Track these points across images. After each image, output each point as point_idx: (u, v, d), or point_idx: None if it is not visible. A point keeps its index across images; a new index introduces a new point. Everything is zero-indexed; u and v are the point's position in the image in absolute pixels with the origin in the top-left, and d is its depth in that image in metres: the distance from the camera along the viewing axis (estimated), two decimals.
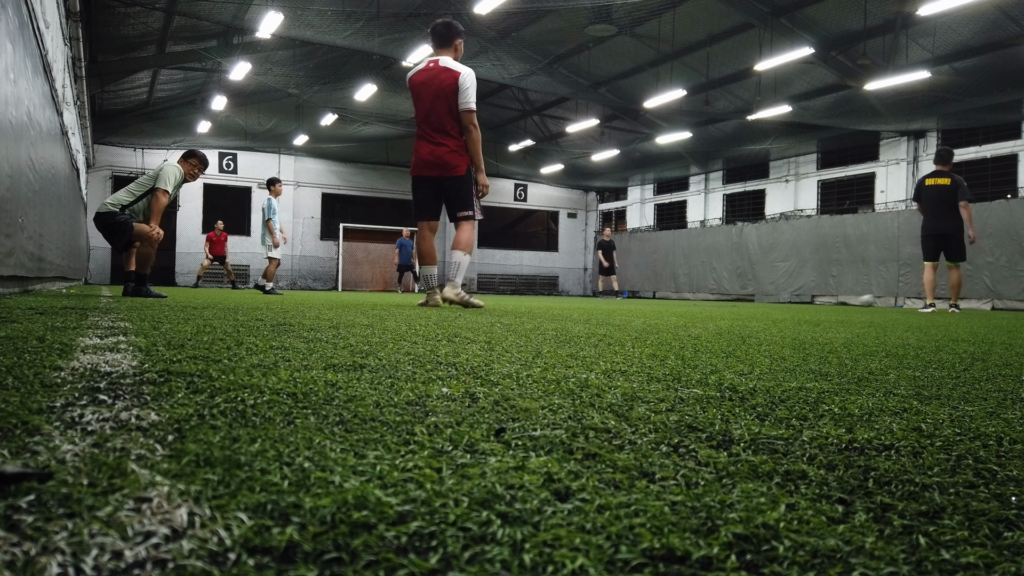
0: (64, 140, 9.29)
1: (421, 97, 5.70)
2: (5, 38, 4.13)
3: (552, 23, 15.62)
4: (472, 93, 5.63)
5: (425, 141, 5.72)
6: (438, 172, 5.69)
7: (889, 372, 1.84)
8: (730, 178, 24.46)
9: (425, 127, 5.72)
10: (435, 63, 5.75)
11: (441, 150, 5.64)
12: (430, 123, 5.68)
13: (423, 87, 5.70)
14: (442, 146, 5.64)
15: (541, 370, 1.63)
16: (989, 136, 17.36)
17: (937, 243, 9.21)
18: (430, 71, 5.72)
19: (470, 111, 5.62)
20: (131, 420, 0.92)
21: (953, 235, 9.06)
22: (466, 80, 5.61)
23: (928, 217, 9.21)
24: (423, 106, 5.70)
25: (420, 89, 5.71)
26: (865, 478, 0.78)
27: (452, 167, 5.65)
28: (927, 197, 9.16)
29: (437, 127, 5.65)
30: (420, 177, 5.80)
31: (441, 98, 5.60)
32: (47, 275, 7.88)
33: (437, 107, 5.62)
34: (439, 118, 5.62)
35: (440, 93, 5.60)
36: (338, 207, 26.21)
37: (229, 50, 16.42)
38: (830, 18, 14.33)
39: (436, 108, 5.62)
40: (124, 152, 23.02)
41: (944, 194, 9.03)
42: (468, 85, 5.60)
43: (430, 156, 5.69)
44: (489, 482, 0.69)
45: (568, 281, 29.23)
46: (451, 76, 5.61)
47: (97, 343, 1.92)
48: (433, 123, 5.66)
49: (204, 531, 0.53)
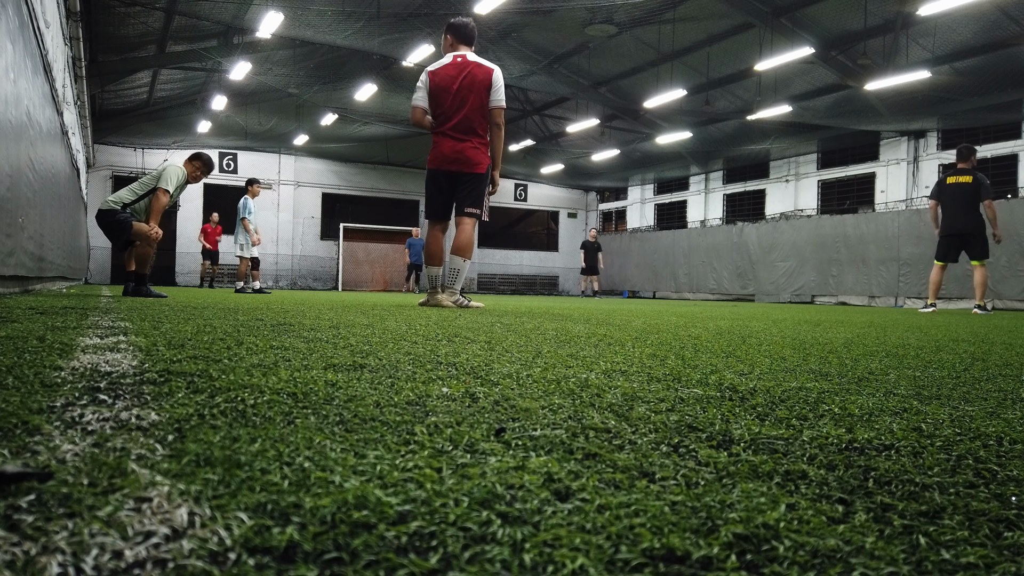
0: (64, 140, 9.29)
1: (448, 90, 5.56)
2: (5, 38, 4.13)
3: (552, 23, 15.62)
4: (503, 91, 5.63)
5: (447, 138, 5.62)
6: (458, 167, 5.62)
7: (889, 372, 1.84)
8: (730, 178, 24.46)
9: (449, 123, 5.59)
10: (463, 58, 5.64)
11: (465, 145, 5.58)
12: (456, 118, 5.55)
13: (451, 80, 5.56)
14: (466, 142, 5.58)
15: (541, 370, 1.63)
16: (989, 136, 17.36)
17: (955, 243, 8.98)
18: (458, 65, 5.61)
19: (502, 108, 5.62)
20: (131, 420, 0.92)
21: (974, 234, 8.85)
22: (499, 77, 5.60)
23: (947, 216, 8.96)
24: (450, 100, 5.56)
25: (448, 82, 5.57)
26: (865, 478, 0.78)
27: (473, 163, 5.60)
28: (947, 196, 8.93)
29: (464, 122, 5.55)
30: (438, 171, 5.70)
31: (474, 92, 5.53)
32: (47, 275, 7.88)
33: (468, 100, 5.52)
34: (468, 113, 5.53)
35: (472, 87, 5.53)
36: (338, 207, 26.22)
37: (229, 50, 16.42)
38: (830, 18, 14.32)
39: (466, 102, 5.52)
40: (124, 152, 23.03)
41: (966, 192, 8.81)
42: (501, 83, 5.60)
43: (451, 152, 5.60)
44: (489, 482, 0.69)
45: (568, 281, 29.23)
46: (484, 72, 5.57)
47: (97, 343, 1.92)
48: (459, 117, 5.54)
49: (204, 531, 0.53)
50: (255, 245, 11.96)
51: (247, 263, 12.06)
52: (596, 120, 20.72)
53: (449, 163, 5.63)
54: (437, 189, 5.73)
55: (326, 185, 25.94)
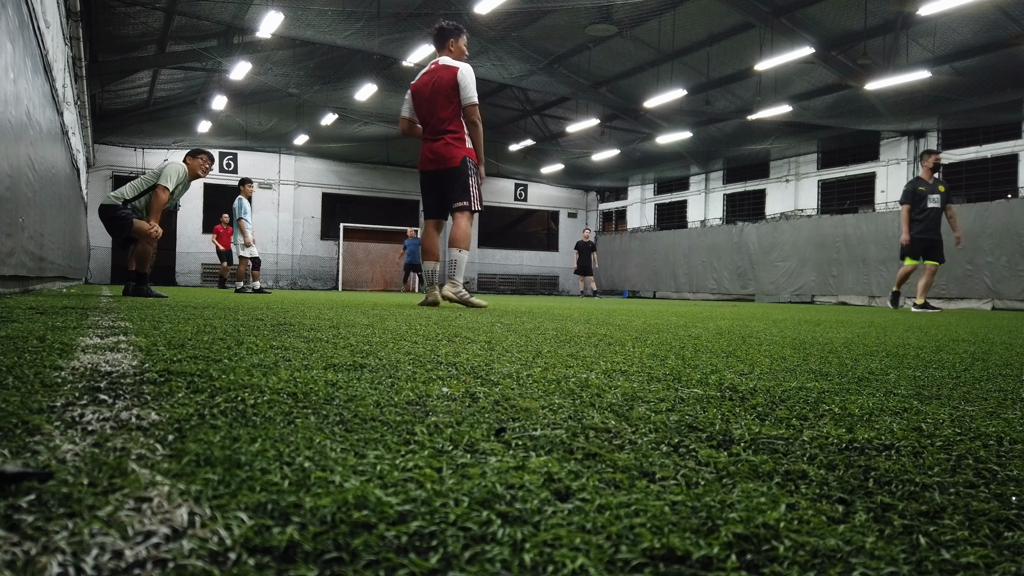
0: (64, 140, 9.29)
1: (422, 96, 5.80)
2: (5, 37, 4.13)
3: (552, 23, 15.62)
4: (472, 88, 5.72)
5: (426, 142, 5.87)
6: (436, 166, 5.82)
7: (889, 372, 1.84)
8: (730, 178, 24.45)
9: (427, 127, 5.84)
10: (436, 64, 5.88)
11: (438, 144, 5.76)
12: (430, 121, 5.79)
13: (424, 88, 5.80)
14: (439, 140, 5.75)
15: (541, 370, 1.63)
16: (989, 136, 17.35)
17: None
18: (430, 72, 5.84)
19: (473, 105, 5.72)
20: (131, 420, 0.92)
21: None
22: (464, 75, 5.69)
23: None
24: (423, 106, 5.80)
25: (421, 90, 5.82)
26: (865, 478, 0.78)
27: (447, 159, 5.74)
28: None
29: (435, 124, 5.75)
30: (424, 172, 5.96)
31: (441, 93, 5.69)
32: (47, 275, 7.88)
33: (435, 101, 5.71)
34: (437, 113, 5.71)
35: (439, 89, 5.70)
36: (338, 207, 26.21)
37: (229, 50, 16.42)
38: (830, 18, 14.32)
39: (434, 102, 5.71)
40: (124, 152, 23.03)
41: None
42: (467, 80, 5.69)
43: (429, 152, 5.83)
44: (489, 482, 0.69)
45: (568, 281, 29.22)
46: (449, 72, 5.71)
47: (97, 343, 1.92)
48: (432, 120, 5.77)
49: (204, 531, 0.53)
50: (247, 247, 11.96)
51: (247, 263, 12.07)
52: (596, 120, 20.72)
53: (429, 163, 5.86)
54: (426, 190, 6.00)
55: (326, 185, 25.94)
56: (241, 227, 11.78)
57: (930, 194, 9.46)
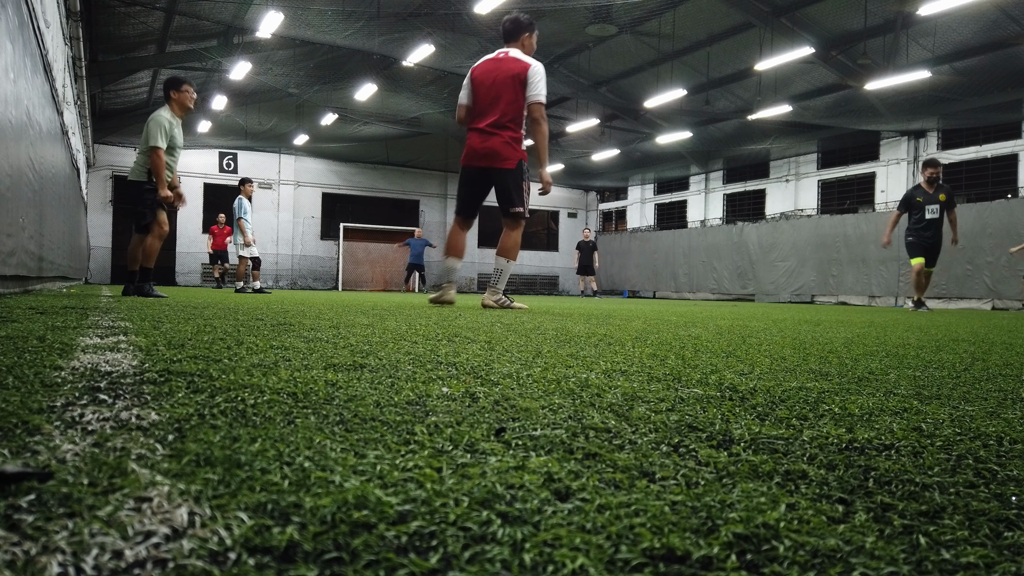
0: (64, 140, 9.30)
1: (483, 84, 5.51)
2: (5, 37, 4.13)
3: (552, 23, 15.61)
4: (543, 86, 5.48)
5: (477, 134, 5.55)
6: (487, 163, 5.54)
7: (889, 372, 1.84)
8: (730, 178, 24.46)
9: (480, 118, 5.54)
10: (504, 54, 5.61)
11: (494, 140, 5.48)
12: (487, 113, 5.49)
13: (486, 75, 5.52)
14: (495, 136, 5.47)
15: (541, 370, 1.63)
16: (989, 136, 17.36)
17: None
18: (497, 60, 5.57)
19: (539, 103, 5.47)
20: (131, 420, 0.92)
21: None
22: (536, 72, 5.46)
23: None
24: (484, 93, 5.51)
25: (483, 77, 5.53)
26: (865, 478, 0.78)
27: (503, 158, 5.49)
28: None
29: (494, 117, 5.46)
30: (469, 167, 5.65)
31: (507, 86, 5.44)
32: (48, 275, 7.88)
33: (500, 94, 5.45)
34: (499, 106, 5.44)
35: (505, 81, 5.44)
36: (338, 207, 26.22)
37: (229, 50, 16.42)
38: (830, 18, 14.32)
39: (498, 95, 5.45)
40: (124, 152, 23.02)
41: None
42: (538, 78, 5.46)
43: (481, 147, 5.52)
44: (489, 482, 0.69)
45: (568, 281, 29.23)
46: (520, 66, 5.47)
47: (97, 343, 1.92)
48: (490, 112, 5.48)
49: (204, 531, 0.53)
50: (247, 247, 11.94)
51: (247, 263, 12.06)
52: (596, 120, 20.72)
53: (479, 159, 5.56)
54: (466, 185, 5.71)
55: (326, 185, 25.94)
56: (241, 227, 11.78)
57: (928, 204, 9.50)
